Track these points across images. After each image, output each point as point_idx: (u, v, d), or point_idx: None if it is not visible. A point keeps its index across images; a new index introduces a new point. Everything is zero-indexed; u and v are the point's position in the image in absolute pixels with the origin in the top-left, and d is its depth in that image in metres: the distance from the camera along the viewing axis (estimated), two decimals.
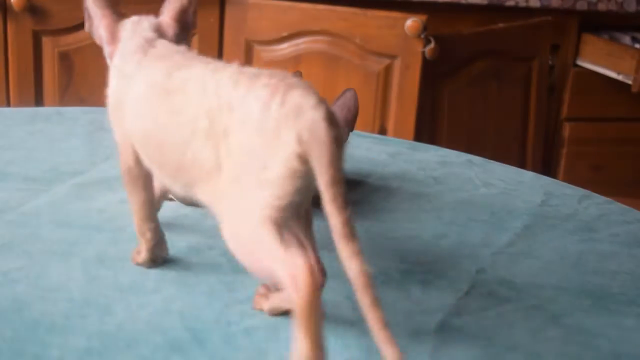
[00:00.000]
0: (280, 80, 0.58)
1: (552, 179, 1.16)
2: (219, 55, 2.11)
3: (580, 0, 2.24)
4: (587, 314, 0.73)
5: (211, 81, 0.61)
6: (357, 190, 1.01)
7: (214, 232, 0.82)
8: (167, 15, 0.75)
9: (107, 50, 0.75)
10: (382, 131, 2.10)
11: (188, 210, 0.89)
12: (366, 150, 1.21)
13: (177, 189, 0.67)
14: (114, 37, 0.74)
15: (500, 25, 2.18)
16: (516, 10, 2.23)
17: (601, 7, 2.25)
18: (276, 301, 0.67)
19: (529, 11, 2.23)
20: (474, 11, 2.21)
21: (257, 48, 2.09)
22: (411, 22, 2.00)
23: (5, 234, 0.80)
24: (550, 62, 2.30)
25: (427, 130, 2.17)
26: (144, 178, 0.71)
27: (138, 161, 0.70)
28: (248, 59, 2.10)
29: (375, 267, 0.78)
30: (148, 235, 0.73)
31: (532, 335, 0.68)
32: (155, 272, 0.73)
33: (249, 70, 0.61)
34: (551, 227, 0.94)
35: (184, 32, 0.75)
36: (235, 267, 0.75)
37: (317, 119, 0.56)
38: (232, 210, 0.60)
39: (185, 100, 0.62)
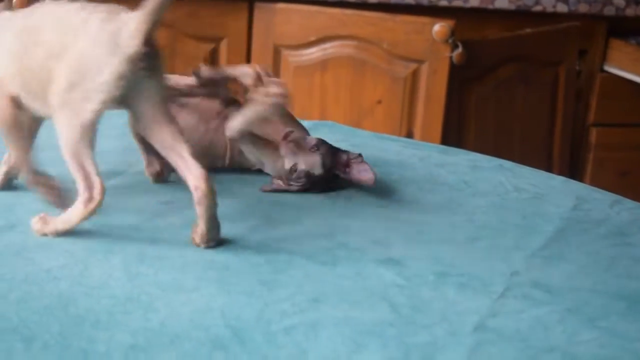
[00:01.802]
0: (115, 8, 0.75)
1: (583, 184, 1.16)
2: (247, 58, 2.12)
3: (608, 5, 2.23)
4: (622, 317, 0.73)
5: (61, 11, 0.76)
6: (388, 193, 1.02)
7: (251, 232, 0.84)
8: None
9: None
10: (409, 135, 2.10)
11: (224, 210, 0.90)
12: (396, 154, 1.21)
13: (42, 108, 0.79)
14: None
15: (528, 30, 2.18)
16: (543, 16, 2.23)
17: (629, 12, 2.24)
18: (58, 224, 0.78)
19: (556, 16, 2.23)
20: (501, 16, 2.21)
21: (285, 52, 2.10)
22: (439, 27, 2.00)
23: None
24: (577, 68, 2.30)
25: (454, 134, 2.17)
26: (17, 129, 0.84)
27: (13, 115, 0.82)
28: (276, 63, 2.11)
29: (409, 269, 0.79)
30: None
31: (568, 337, 0.69)
32: (194, 271, 0.74)
33: (93, 3, 0.77)
34: (584, 231, 0.94)
35: None
36: (274, 267, 0.77)
37: (138, 28, 0.72)
38: (64, 117, 0.75)
39: (43, 31, 0.76)
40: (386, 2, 2.11)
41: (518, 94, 2.24)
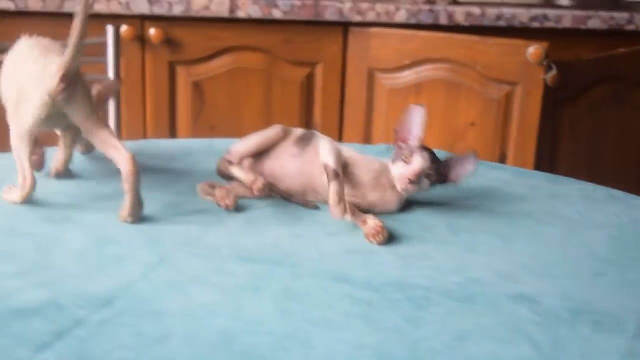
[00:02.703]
0: (50, 47, 1.01)
1: None
2: (342, 82, 2.17)
3: None
4: None
5: (24, 46, 1.02)
6: (507, 226, 1.04)
7: (385, 268, 0.88)
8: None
9: None
10: (503, 158, 2.12)
11: (362, 246, 0.94)
12: (506, 184, 1.24)
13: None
14: None
15: (621, 50, 2.18)
16: (637, 35, 2.22)
17: None
18: (13, 197, 1.02)
19: None
20: (594, 37, 2.22)
21: (379, 76, 2.15)
22: (533, 50, 2.02)
23: (195, 267, 0.87)
24: None
25: (547, 156, 2.17)
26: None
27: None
28: (370, 87, 2.15)
29: (543, 306, 0.82)
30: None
31: None
32: (341, 307, 0.79)
33: (48, 41, 1.04)
34: None
35: None
36: (416, 305, 0.80)
37: (57, 71, 0.95)
38: (13, 125, 1.00)
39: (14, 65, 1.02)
40: (479, 25, 2.13)
41: (612, 115, 2.23)
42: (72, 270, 0.85)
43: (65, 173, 1.14)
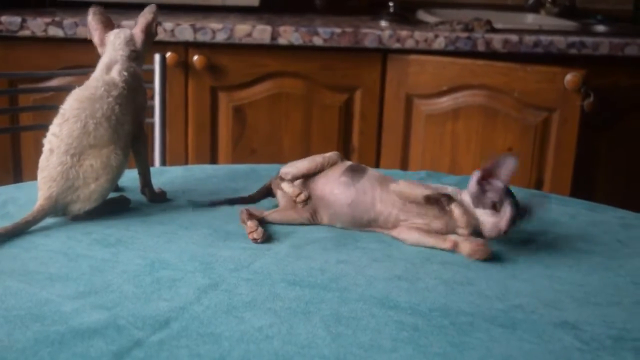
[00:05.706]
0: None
1: None
2: (380, 107, 2.21)
3: None
4: None
5: None
6: (548, 253, 1.07)
7: (430, 293, 0.90)
8: (137, 28, 1.17)
9: (99, 50, 1.18)
10: (539, 183, 2.14)
11: (407, 272, 0.97)
12: (546, 210, 1.26)
13: None
14: (102, 42, 1.18)
15: None
16: None
17: None
18: None
19: None
20: (631, 63, 2.23)
21: (417, 102, 2.18)
22: (571, 77, 2.04)
23: (248, 291, 0.90)
24: None
25: (583, 182, 2.19)
26: None
27: None
28: (408, 112, 2.18)
29: (586, 333, 0.84)
30: None
31: None
32: (388, 332, 0.81)
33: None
34: None
35: (149, 40, 1.18)
36: (459, 330, 0.83)
37: None
38: None
39: None
40: (516, 52, 2.16)
41: None
42: (128, 292, 0.89)
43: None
